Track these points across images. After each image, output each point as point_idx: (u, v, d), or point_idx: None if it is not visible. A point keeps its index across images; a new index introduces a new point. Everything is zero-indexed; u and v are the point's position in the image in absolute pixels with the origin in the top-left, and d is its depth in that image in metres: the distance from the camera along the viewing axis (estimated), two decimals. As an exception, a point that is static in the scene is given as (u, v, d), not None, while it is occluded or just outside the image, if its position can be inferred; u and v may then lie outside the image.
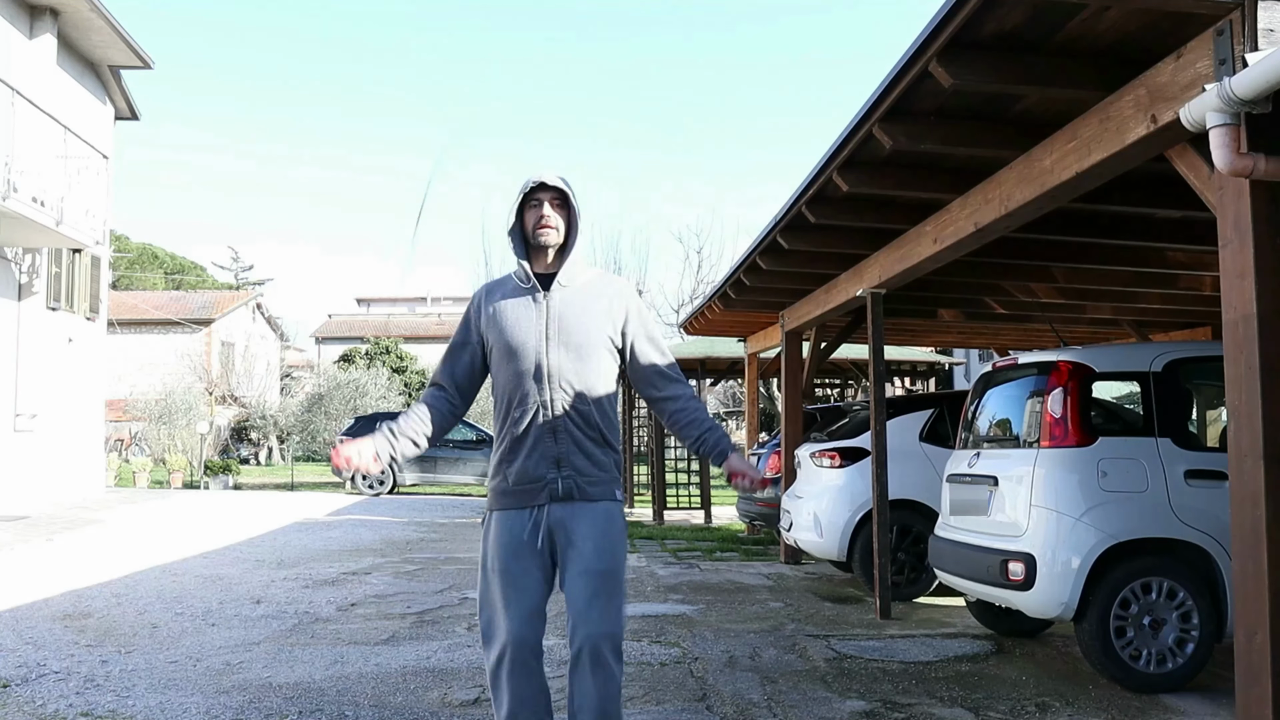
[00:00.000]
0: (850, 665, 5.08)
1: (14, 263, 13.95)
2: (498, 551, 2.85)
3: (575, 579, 2.79)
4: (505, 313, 2.92)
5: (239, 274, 54.75)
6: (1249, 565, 3.07)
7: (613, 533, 2.86)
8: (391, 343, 40.57)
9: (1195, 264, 6.59)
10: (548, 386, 2.83)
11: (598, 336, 2.90)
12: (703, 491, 14.75)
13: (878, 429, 6.75)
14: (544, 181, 2.91)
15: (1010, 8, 3.36)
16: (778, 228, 6.42)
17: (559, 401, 2.83)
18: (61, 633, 5.68)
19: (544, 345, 2.85)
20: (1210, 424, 6.01)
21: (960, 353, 20.65)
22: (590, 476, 2.86)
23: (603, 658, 2.75)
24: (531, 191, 2.93)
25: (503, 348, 2.89)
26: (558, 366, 2.84)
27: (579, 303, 2.91)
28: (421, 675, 4.75)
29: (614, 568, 2.83)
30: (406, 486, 19.54)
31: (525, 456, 2.84)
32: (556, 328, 2.87)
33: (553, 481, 2.83)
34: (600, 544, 2.81)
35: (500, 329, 2.90)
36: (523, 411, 2.85)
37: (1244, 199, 3.06)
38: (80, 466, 16.09)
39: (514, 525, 2.84)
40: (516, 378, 2.86)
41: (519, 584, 2.81)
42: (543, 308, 2.89)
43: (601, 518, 2.84)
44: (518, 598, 2.80)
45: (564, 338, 2.86)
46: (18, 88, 12.15)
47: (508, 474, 2.87)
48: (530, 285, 2.92)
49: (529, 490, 2.84)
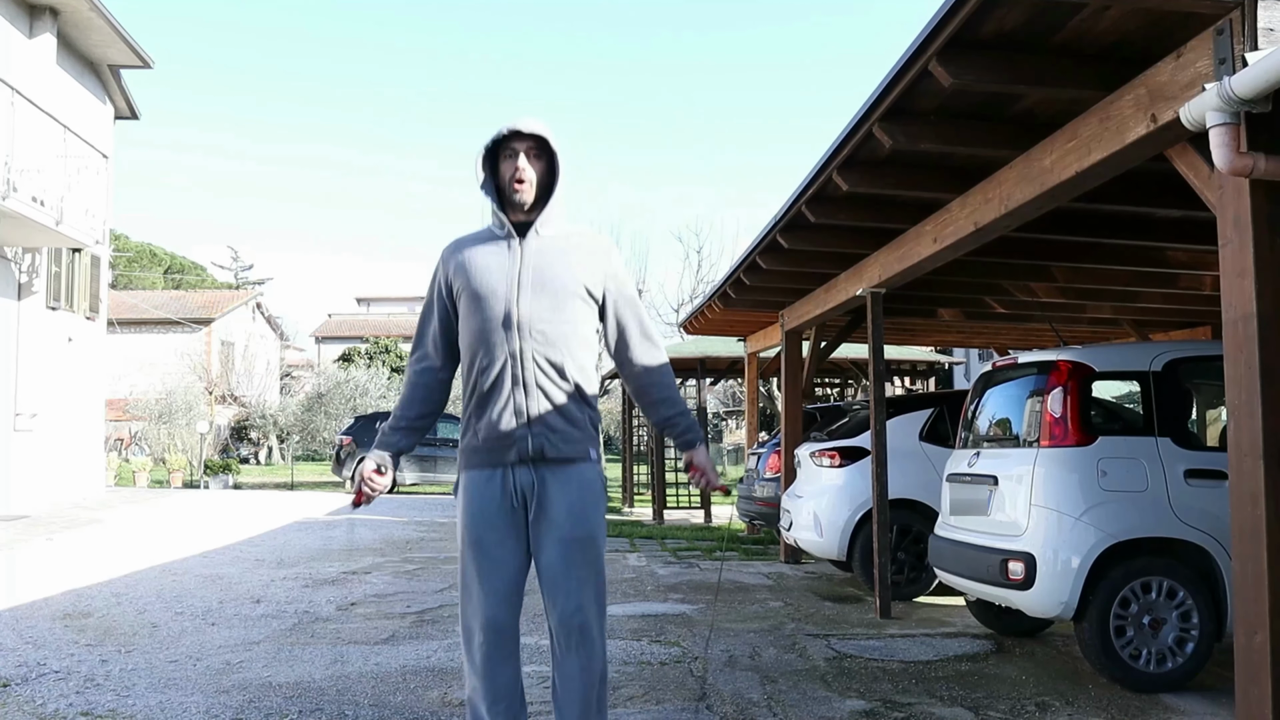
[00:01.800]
0: (850, 664, 5.08)
1: (14, 262, 13.95)
2: (469, 521, 2.67)
3: (550, 548, 2.62)
4: (475, 259, 2.71)
5: (239, 274, 54.77)
6: (1249, 565, 3.07)
7: (588, 496, 2.67)
8: (391, 342, 40.58)
9: (1195, 264, 6.59)
10: (517, 335, 2.63)
11: (573, 285, 2.68)
12: (703, 491, 14.73)
13: (878, 429, 6.75)
14: (518, 129, 2.66)
15: (1010, 7, 3.36)
16: (777, 227, 6.42)
17: (529, 351, 2.63)
18: (61, 632, 5.68)
19: (515, 292, 2.64)
20: (1210, 424, 6.01)
21: (960, 352, 20.64)
22: (563, 433, 2.65)
23: (584, 634, 2.60)
24: (506, 140, 2.69)
25: (470, 294, 2.68)
26: (529, 314, 2.63)
27: (555, 250, 2.70)
28: (421, 675, 4.75)
29: (591, 534, 2.66)
30: (406, 486, 19.54)
31: (493, 411, 2.64)
32: (531, 275, 2.66)
33: (522, 438, 2.62)
34: (575, 509, 2.64)
35: (468, 275, 2.69)
36: (490, 361, 2.65)
37: (1244, 198, 3.06)
38: (80, 466, 16.09)
39: (484, 490, 2.66)
40: (485, 325, 2.65)
41: (493, 556, 2.64)
42: (516, 254, 2.68)
43: (575, 480, 2.66)
44: (491, 572, 2.63)
45: (537, 285, 2.65)
46: (18, 87, 12.14)
47: (476, 429, 2.68)
48: (505, 232, 2.72)
49: (498, 447, 2.64)
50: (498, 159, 2.73)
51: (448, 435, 18.86)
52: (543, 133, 2.68)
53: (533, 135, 2.67)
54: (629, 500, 17.31)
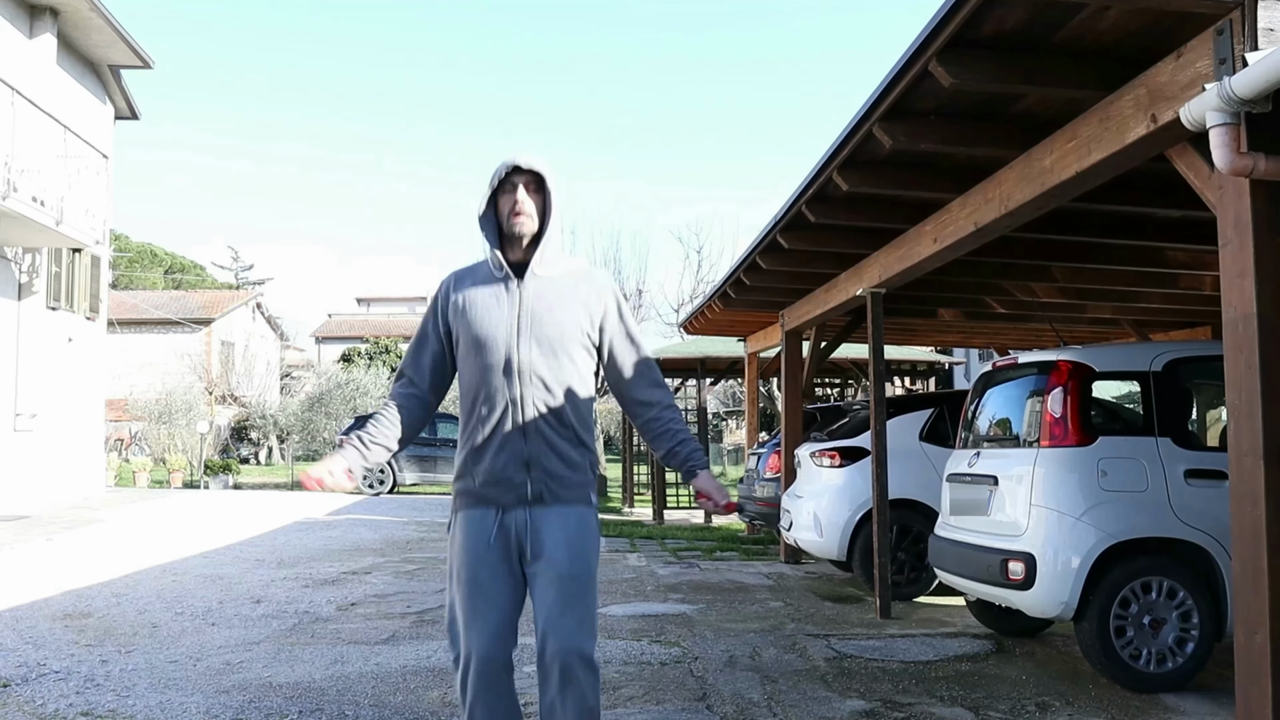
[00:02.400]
0: (850, 665, 5.08)
1: (14, 262, 13.95)
2: (464, 558, 2.65)
3: (546, 586, 2.61)
4: (474, 303, 2.71)
5: (239, 274, 54.78)
6: (1249, 565, 3.07)
7: (585, 537, 2.68)
8: (391, 342, 40.59)
9: (1195, 264, 6.59)
10: (518, 382, 2.63)
11: (572, 331, 2.69)
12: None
13: (878, 429, 6.75)
14: (518, 165, 2.70)
15: (1010, 8, 3.36)
16: (778, 227, 6.42)
17: (530, 398, 2.64)
18: (61, 632, 5.68)
19: (515, 339, 2.65)
20: (1210, 424, 6.01)
21: (960, 353, 20.63)
22: (563, 479, 2.67)
23: (576, 674, 2.57)
24: (506, 175, 2.71)
25: (470, 340, 2.69)
26: (529, 361, 2.64)
27: (554, 294, 2.70)
28: (421, 675, 4.75)
29: (586, 573, 2.65)
30: (406, 486, 19.55)
31: (493, 456, 2.65)
32: (529, 320, 2.66)
33: (522, 484, 2.64)
34: (572, 549, 2.63)
35: (468, 320, 2.70)
36: (490, 408, 2.65)
37: (1244, 198, 3.06)
38: (80, 466, 16.09)
39: (480, 529, 2.65)
40: (484, 372, 2.66)
41: (486, 593, 2.62)
42: (515, 298, 2.68)
43: (574, 521, 2.66)
44: (485, 610, 2.61)
45: (536, 331, 2.66)
46: (18, 87, 12.15)
47: (474, 474, 2.68)
48: (503, 274, 2.71)
49: (497, 491, 2.65)
50: (496, 195, 2.74)
51: (447, 435, 18.87)
52: (540, 169, 2.70)
53: (530, 170, 2.70)
54: (629, 500, 17.31)
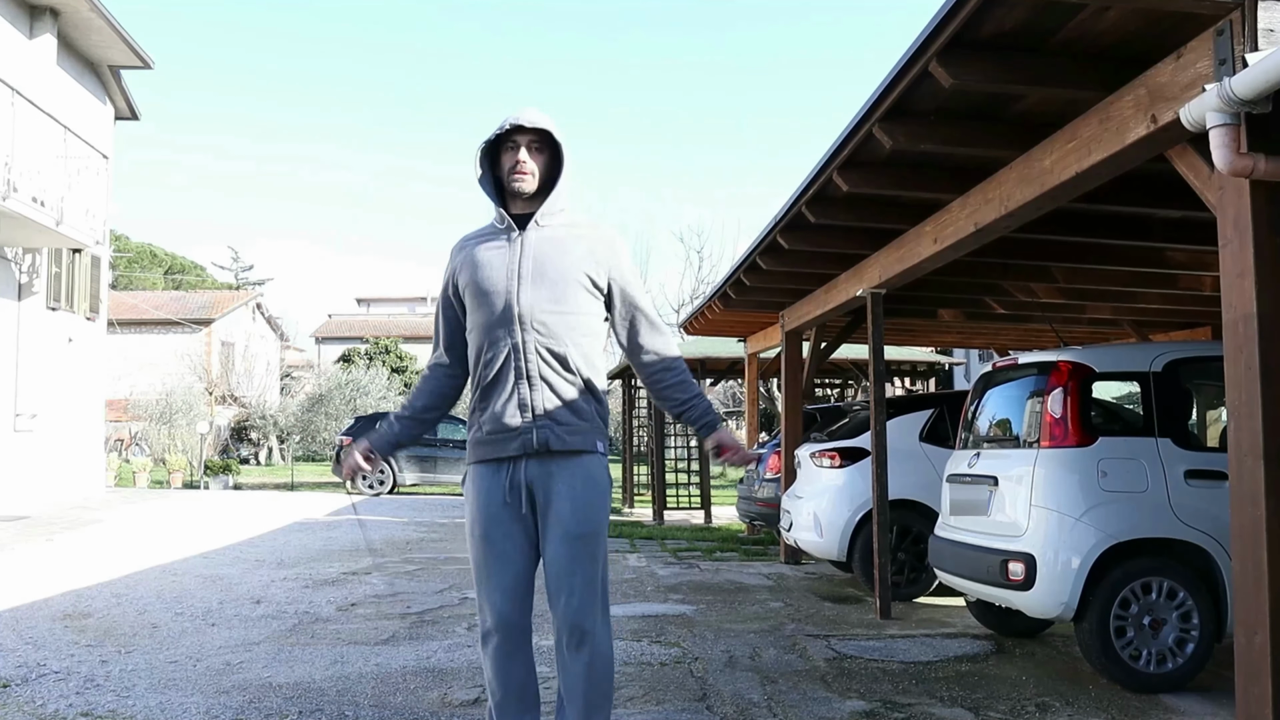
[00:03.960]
0: (850, 665, 5.08)
1: (14, 263, 13.95)
2: (477, 515, 2.68)
3: (554, 545, 2.61)
4: (477, 255, 2.72)
5: (239, 274, 54.78)
6: (1249, 565, 3.07)
7: (593, 491, 2.66)
8: (391, 343, 40.59)
9: (1195, 264, 6.58)
10: (519, 328, 2.63)
11: (575, 274, 2.67)
12: (703, 491, 14.75)
13: (878, 429, 6.75)
14: (520, 124, 2.64)
15: (1010, 8, 3.36)
16: (778, 228, 6.42)
17: (531, 343, 2.63)
18: (61, 633, 5.68)
19: (515, 284, 2.64)
20: (1210, 424, 6.01)
21: (960, 353, 20.64)
22: (568, 425, 2.64)
23: (587, 634, 2.59)
24: (507, 134, 2.67)
25: (473, 290, 2.70)
26: (529, 306, 2.63)
27: (556, 239, 2.69)
28: (421, 675, 4.75)
29: (594, 530, 2.64)
30: (406, 486, 19.54)
31: (497, 403, 2.65)
32: (530, 266, 2.65)
33: (526, 431, 2.62)
34: (579, 505, 2.62)
35: (471, 273, 2.71)
36: (494, 354, 2.65)
37: (1244, 199, 3.06)
38: (80, 466, 16.09)
39: (490, 484, 2.66)
40: (487, 319, 2.66)
41: (499, 550, 2.64)
42: (516, 246, 2.68)
43: (580, 474, 2.64)
44: (500, 568, 2.63)
45: (538, 276, 2.64)
46: (18, 88, 12.15)
47: (481, 423, 2.69)
48: (505, 225, 2.72)
49: (502, 440, 2.65)
50: (498, 153, 2.72)
51: (448, 436, 18.86)
52: (546, 126, 2.66)
53: (535, 129, 2.66)
54: (629, 501, 17.31)
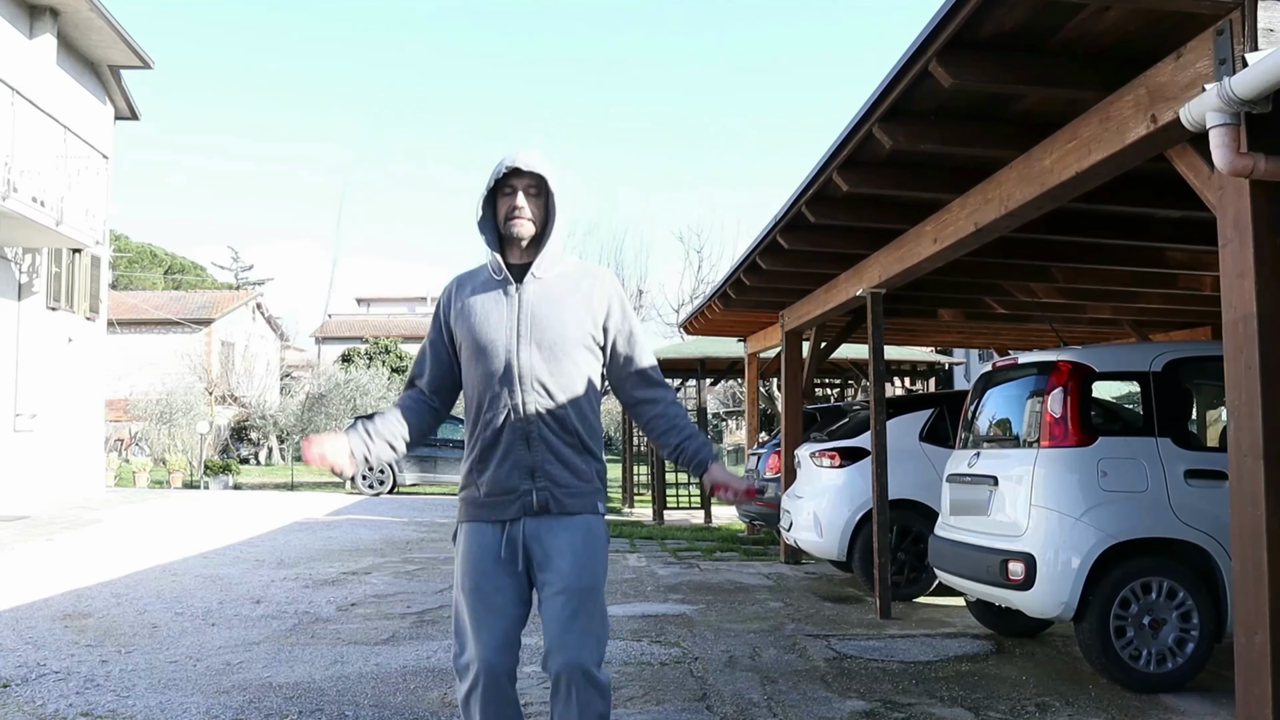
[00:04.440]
0: (850, 665, 5.08)
1: (14, 263, 13.95)
2: (468, 568, 2.61)
3: (553, 598, 2.55)
4: (474, 308, 2.66)
5: (239, 274, 54.78)
6: (1249, 565, 3.07)
7: (593, 547, 2.61)
8: (391, 343, 40.60)
9: (1195, 264, 6.59)
10: (519, 388, 2.58)
11: (574, 333, 2.63)
12: (703, 491, 14.75)
13: (878, 429, 6.75)
14: (518, 167, 2.61)
15: (1010, 8, 3.36)
16: (778, 227, 6.42)
17: (532, 405, 2.58)
18: (61, 633, 5.68)
19: (515, 343, 2.59)
20: (1210, 424, 6.01)
21: (960, 353, 20.63)
22: (569, 488, 2.60)
23: (584, 687, 2.54)
24: (504, 178, 2.65)
25: (471, 346, 2.65)
26: (529, 366, 2.59)
27: (554, 296, 2.64)
28: (421, 675, 4.75)
29: (594, 585, 2.59)
30: (406, 486, 19.55)
31: (497, 465, 2.60)
32: (529, 324, 2.60)
33: (527, 494, 2.58)
34: (580, 560, 2.57)
35: (469, 326, 2.65)
36: (493, 415, 2.60)
37: (1244, 199, 3.06)
38: (80, 466, 16.09)
39: (485, 539, 2.61)
40: (486, 378, 2.61)
41: (491, 603, 2.57)
42: (514, 302, 2.63)
43: (581, 531, 2.60)
44: (490, 620, 2.57)
45: (537, 335, 2.60)
46: (18, 88, 12.15)
47: (479, 484, 2.63)
48: (502, 277, 2.65)
49: (501, 502, 2.60)
50: (495, 196, 2.69)
51: (447, 436, 18.88)
52: (542, 172, 2.62)
53: (531, 173, 2.63)
54: (629, 500, 17.31)
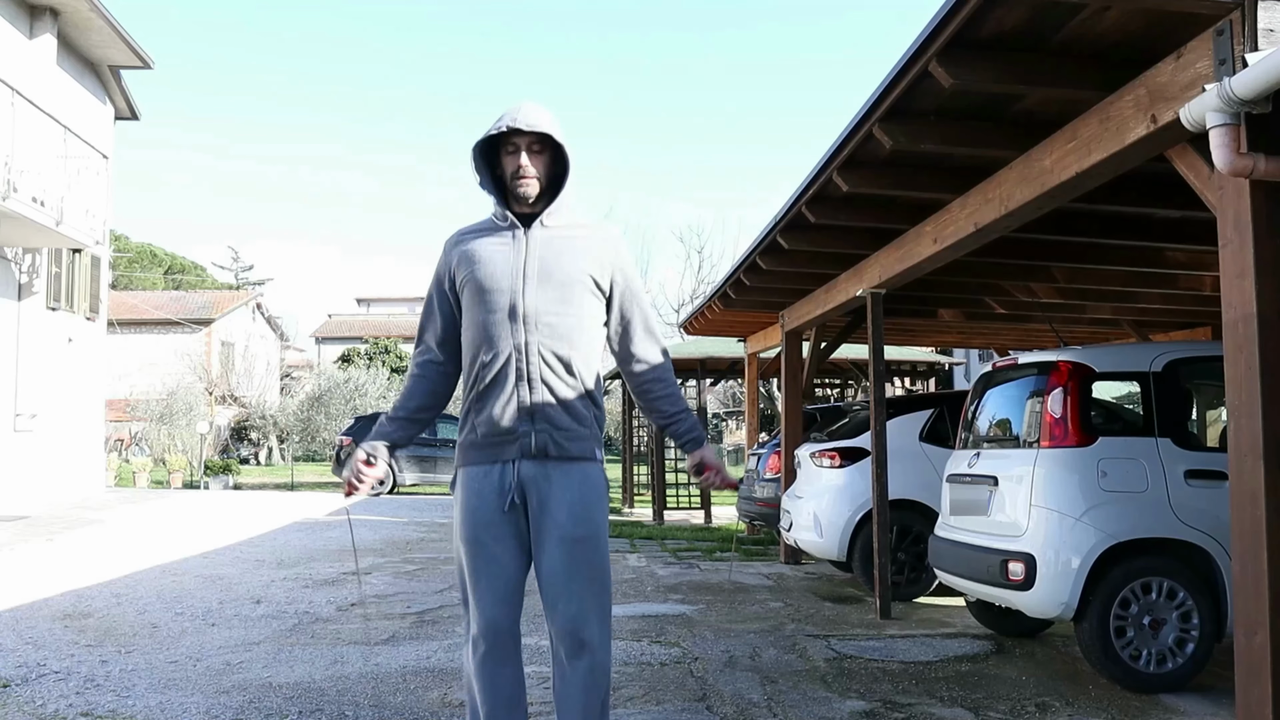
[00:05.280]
0: (850, 665, 5.08)
1: (14, 263, 13.95)
2: (466, 518, 2.58)
3: (551, 549, 2.52)
4: (478, 250, 2.61)
5: (239, 274, 54.80)
6: (1249, 565, 3.07)
7: (591, 495, 2.57)
8: (391, 343, 40.59)
9: (1195, 264, 6.59)
10: (523, 329, 2.54)
11: (580, 275, 2.59)
12: (703, 491, 14.75)
13: (878, 429, 6.75)
14: (518, 127, 2.53)
15: (1010, 8, 3.36)
16: (778, 228, 6.42)
17: (535, 345, 2.54)
18: (61, 633, 5.68)
19: (520, 283, 2.55)
20: (1210, 424, 6.01)
21: (960, 353, 20.63)
22: (568, 431, 2.55)
23: (586, 644, 2.51)
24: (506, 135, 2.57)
25: (474, 287, 2.59)
26: (535, 307, 2.54)
27: (562, 240, 2.61)
28: (421, 675, 4.75)
29: (593, 534, 2.55)
30: (406, 486, 19.54)
31: (494, 406, 2.55)
32: (536, 265, 2.56)
33: (525, 435, 2.53)
34: (577, 508, 2.53)
35: (472, 267, 2.60)
36: (494, 355, 2.55)
37: (1244, 199, 3.06)
38: (80, 466, 16.09)
39: (482, 486, 2.56)
40: (488, 318, 2.56)
41: (490, 554, 2.54)
42: (521, 245, 2.59)
43: (578, 478, 2.55)
44: (489, 572, 2.54)
45: (543, 276, 2.56)
46: (18, 88, 12.15)
47: (476, 425, 2.59)
48: (508, 223, 2.62)
49: (498, 444, 2.56)
50: (496, 152, 2.63)
51: (448, 435, 18.86)
52: (546, 129, 2.55)
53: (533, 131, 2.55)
54: (629, 501, 17.31)
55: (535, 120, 2.55)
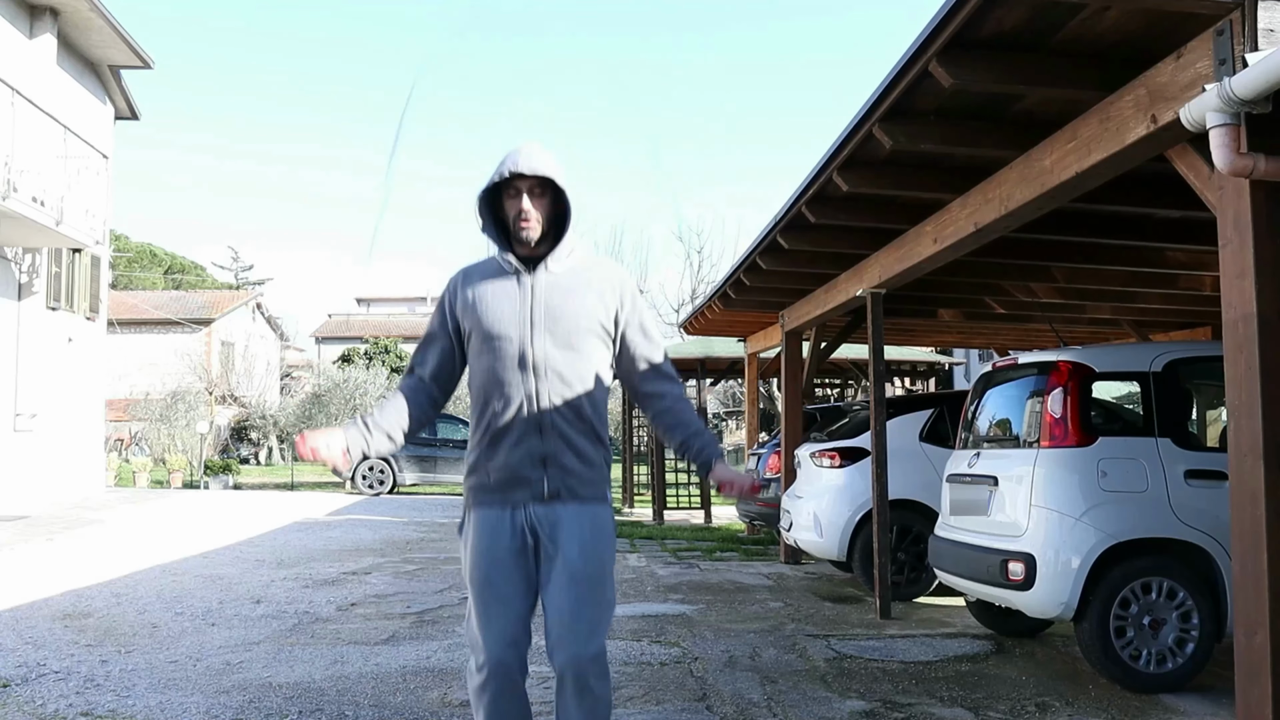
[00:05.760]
0: (850, 665, 5.08)
1: (14, 263, 13.95)
2: (477, 559, 2.61)
3: (560, 588, 2.55)
4: (485, 297, 2.63)
5: (239, 274, 54.80)
6: (1249, 565, 3.07)
7: (600, 536, 2.62)
8: (391, 343, 40.60)
9: (1195, 264, 6.59)
10: (533, 377, 2.56)
11: (588, 323, 2.62)
12: (703, 491, 14.75)
13: (878, 429, 6.75)
14: (520, 172, 2.55)
15: (1010, 8, 3.36)
16: (778, 228, 6.42)
17: (546, 393, 2.57)
18: (61, 633, 5.68)
19: (529, 332, 2.58)
20: (1210, 424, 6.01)
21: (960, 353, 20.63)
22: (580, 476, 2.61)
23: (589, 682, 2.53)
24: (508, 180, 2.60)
25: (482, 335, 2.61)
26: (544, 355, 2.57)
27: (567, 286, 2.62)
28: (421, 675, 4.75)
29: (601, 574, 2.60)
30: (406, 486, 19.54)
31: (508, 452, 2.58)
32: (543, 313, 2.59)
33: (538, 481, 2.58)
34: (587, 547, 2.57)
35: (479, 315, 2.62)
36: (505, 404, 2.58)
37: (1244, 199, 3.06)
38: (80, 466, 16.09)
39: (494, 527, 2.60)
40: (497, 365, 2.59)
41: (500, 594, 2.57)
42: (527, 291, 2.60)
43: (589, 519, 2.60)
44: (500, 611, 2.57)
45: (551, 324, 2.58)
46: (18, 88, 12.15)
47: (489, 470, 2.62)
48: (513, 268, 2.63)
49: (511, 489, 2.60)
50: (499, 196, 2.65)
51: (448, 436, 18.87)
52: (547, 173, 2.57)
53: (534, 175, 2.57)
54: (629, 500, 17.31)
55: (537, 165, 2.57)
